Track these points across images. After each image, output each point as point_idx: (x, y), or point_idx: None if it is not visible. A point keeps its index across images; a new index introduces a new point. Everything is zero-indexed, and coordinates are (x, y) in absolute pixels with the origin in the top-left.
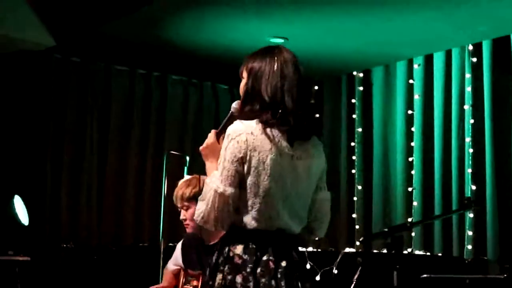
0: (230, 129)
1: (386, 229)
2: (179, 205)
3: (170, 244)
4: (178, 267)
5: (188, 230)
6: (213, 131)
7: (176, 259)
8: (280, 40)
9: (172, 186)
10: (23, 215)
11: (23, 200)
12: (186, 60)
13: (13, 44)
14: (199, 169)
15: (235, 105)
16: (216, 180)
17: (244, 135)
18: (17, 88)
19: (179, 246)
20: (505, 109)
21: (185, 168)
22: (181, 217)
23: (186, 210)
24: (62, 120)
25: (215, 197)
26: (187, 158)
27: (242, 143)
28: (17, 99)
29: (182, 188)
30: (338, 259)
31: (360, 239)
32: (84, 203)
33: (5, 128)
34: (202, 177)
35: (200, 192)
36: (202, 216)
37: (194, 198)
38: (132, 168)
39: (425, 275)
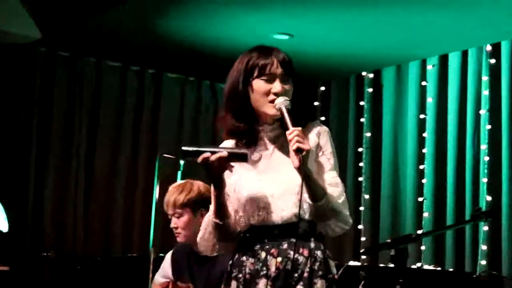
0: (325, 127)
1: (389, 241)
2: (170, 212)
3: (161, 254)
4: (167, 280)
5: (180, 239)
6: (301, 129)
7: (164, 271)
8: (285, 37)
9: (164, 192)
10: (2, 221)
11: (3, 204)
12: (183, 56)
13: None
14: (194, 173)
15: (287, 100)
16: (340, 181)
17: None
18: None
19: (168, 256)
20: None
21: (179, 173)
22: (172, 225)
23: (179, 217)
24: (48, 119)
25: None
26: (182, 162)
27: None
28: None
29: (174, 194)
30: (339, 272)
31: (361, 251)
32: (69, 209)
33: None
34: (195, 182)
35: (197, 197)
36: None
37: (188, 205)
38: (122, 172)
39: None
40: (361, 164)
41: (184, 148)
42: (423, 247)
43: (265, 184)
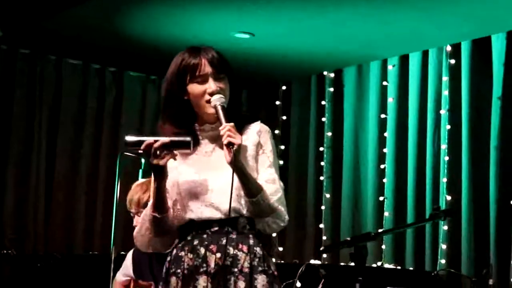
0: (266, 126)
1: (348, 239)
2: (133, 211)
3: (122, 252)
4: (128, 278)
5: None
6: (233, 125)
7: (126, 269)
8: (246, 36)
9: (125, 191)
10: None
11: None
12: (145, 55)
13: None
14: None
15: (222, 98)
16: (279, 179)
17: None
18: None
19: (129, 255)
20: (483, 115)
21: (140, 171)
22: (135, 223)
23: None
24: (8, 117)
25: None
26: (143, 160)
27: None
28: None
29: (138, 192)
30: (300, 271)
31: (321, 249)
32: (30, 208)
33: None
34: None
35: None
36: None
37: None
38: (83, 170)
39: None
40: (322, 163)
41: (127, 138)
42: (383, 246)
43: (205, 180)
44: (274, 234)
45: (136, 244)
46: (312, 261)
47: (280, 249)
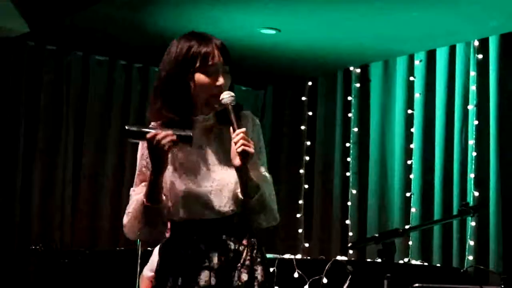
0: (257, 119)
1: (376, 235)
2: None
3: (149, 248)
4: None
5: (168, 234)
6: (245, 131)
7: (152, 265)
8: (272, 31)
9: None
10: None
11: None
12: None
13: None
14: None
15: (232, 96)
16: (270, 175)
17: None
18: None
19: (156, 250)
20: (511, 110)
21: None
22: None
23: None
24: (35, 114)
25: None
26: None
27: None
28: None
29: None
30: (327, 267)
31: (349, 245)
32: (57, 203)
33: None
34: None
35: None
36: None
37: None
38: (109, 166)
39: (417, 285)
40: (348, 159)
41: (127, 127)
42: (410, 242)
43: (202, 180)
44: (300, 230)
45: (124, 231)
46: (339, 257)
47: (306, 245)
